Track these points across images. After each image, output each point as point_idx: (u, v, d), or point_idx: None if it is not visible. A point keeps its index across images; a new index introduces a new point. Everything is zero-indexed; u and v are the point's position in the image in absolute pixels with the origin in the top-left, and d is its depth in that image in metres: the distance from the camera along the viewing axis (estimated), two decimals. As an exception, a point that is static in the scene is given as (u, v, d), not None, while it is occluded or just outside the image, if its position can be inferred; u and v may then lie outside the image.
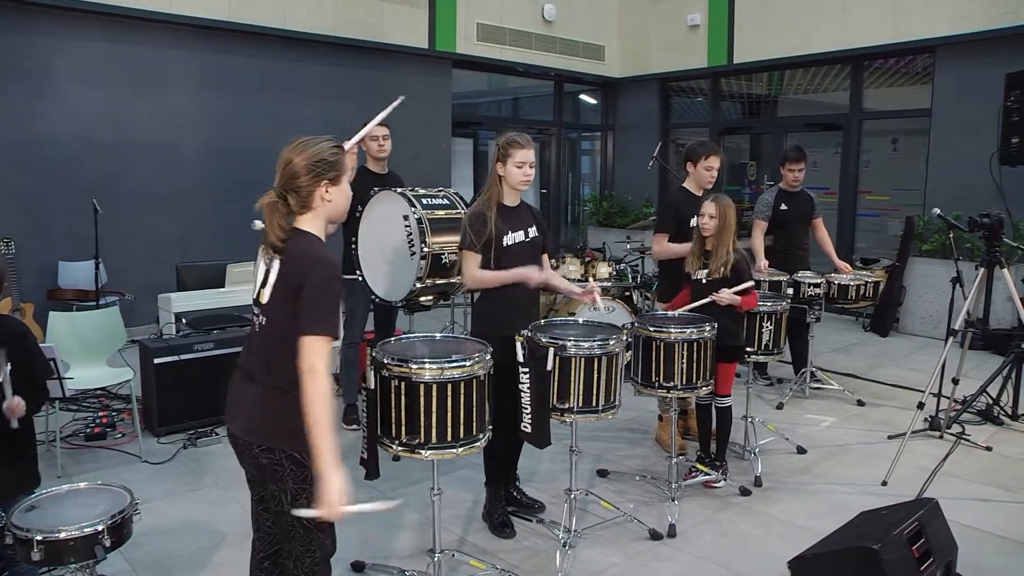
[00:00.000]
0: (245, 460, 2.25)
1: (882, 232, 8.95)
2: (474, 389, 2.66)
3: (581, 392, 3.10)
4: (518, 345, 3.00)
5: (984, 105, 7.11)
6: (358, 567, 3.15)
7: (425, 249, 4.15)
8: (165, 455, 4.36)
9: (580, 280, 5.92)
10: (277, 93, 7.84)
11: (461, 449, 2.67)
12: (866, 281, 5.56)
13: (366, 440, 2.74)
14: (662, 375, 3.54)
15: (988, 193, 6.45)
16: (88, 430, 4.56)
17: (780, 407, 5.37)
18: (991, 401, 5.07)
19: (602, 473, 4.19)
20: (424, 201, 4.33)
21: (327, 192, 2.20)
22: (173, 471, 4.19)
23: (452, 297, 5.20)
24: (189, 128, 7.39)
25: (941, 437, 4.68)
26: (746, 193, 10.30)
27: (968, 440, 4.61)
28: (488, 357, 2.75)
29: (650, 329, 3.55)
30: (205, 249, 7.23)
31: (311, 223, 2.22)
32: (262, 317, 2.22)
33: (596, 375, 3.10)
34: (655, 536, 3.46)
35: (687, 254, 4.06)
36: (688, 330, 3.52)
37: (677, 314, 3.87)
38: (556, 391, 3.09)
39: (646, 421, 4.98)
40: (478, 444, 2.74)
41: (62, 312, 4.75)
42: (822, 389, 5.70)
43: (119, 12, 6.75)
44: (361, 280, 4.55)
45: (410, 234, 4.24)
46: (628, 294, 6.29)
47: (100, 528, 2.27)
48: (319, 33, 7.98)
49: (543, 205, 11.14)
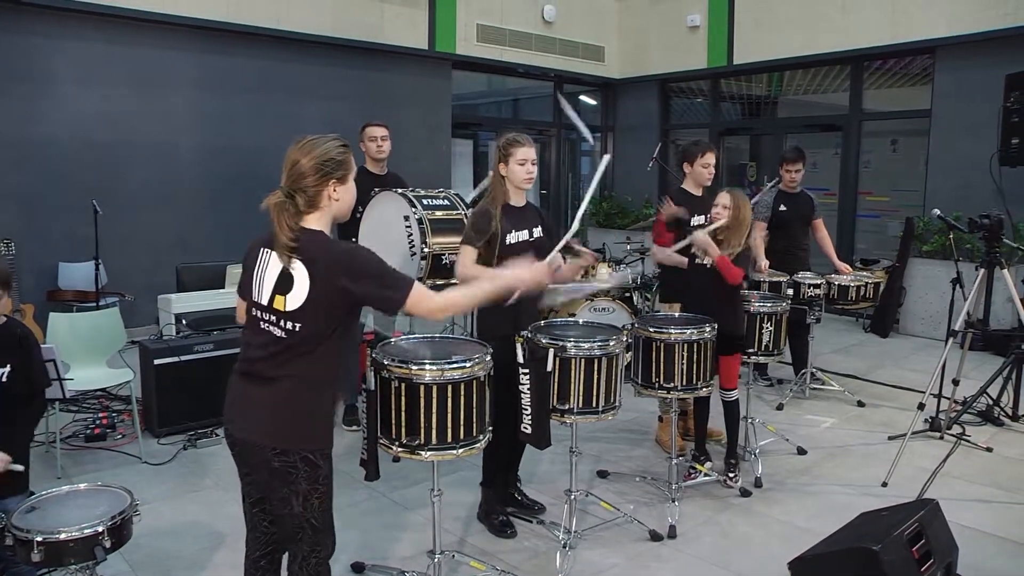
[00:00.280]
0: (254, 463, 2.20)
1: (882, 233, 8.95)
2: (474, 390, 2.66)
3: (581, 393, 3.10)
4: (518, 346, 3.00)
5: (984, 106, 7.12)
6: (358, 568, 3.15)
7: (425, 250, 4.14)
8: (165, 456, 4.36)
9: (580, 281, 5.90)
10: (276, 94, 7.84)
11: (461, 450, 2.67)
12: (866, 282, 5.56)
13: (366, 441, 2.74)
14: (662, 376, 3.54)
15: (988, 194, 6.46)
16: (88, 431, 4.56)
17: (780, 408, 5.37)
18: (991, 402, 5.07)
19: (602, 474, 4.19)
20: (424, 202, 4.33)
21: (335, 191, 2.18)
22: (173, 472, 4.19)
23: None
24: (188, 129, 7.39)
25: (941, 438, 4.68)
26: (746, 194, 10.29)
27: (968, 441, 4.61)
28: (488, 358, 2.75)
29: (650, 330, 3.55)
30: (205, 250, 7.22)
31: (318, 222, 2.19)
32: (288, 323, 2.12)
33: (596, 376, 3.10)
34: (655, 537, 3.46)
35: (682, 261, 4.07)
36: (688, 331, 3.53)
37: (678, 314, 3.88)
38: (556, 392, 3.10)
39: (646, 422, 4.98)
40: (478, 445, 2.74)
41: (62, 313, 4.75)
42: (822, 390, 5.70)
43: (118, 13, 6.74)
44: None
45: (410, 235, 4.24)
46: (628, 295, 6.28)
47: (100, 529, 2.27)
48: (318, 34, 7.98)
49: (543, 206, 11.14)
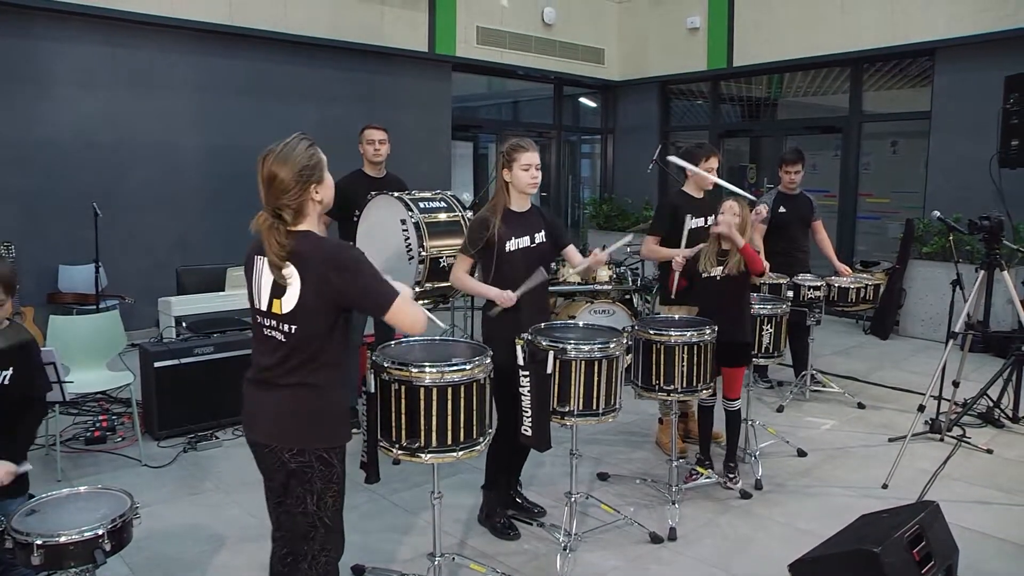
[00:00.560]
0: (271, 467, 2.24)
1: (882, 235, 8.96)
2: (474, 393, 2.66)
3: (581, 395, 3.10)
4: (518, 348, 3.00)
5: (983, 108, 7.11)
6: (358, 571, 3.14)
7: (423, 253, 4.15)
8: (165, 459, 4.36)
9: (580, 283, 5.92)
10: (277, 96, 7.84)
11: (461, 453, 2.67)
12: (866, 284, 5.56)
13: (366, 444, 2.74)
14: (662, 378, 3.53)
15: (988, 195, 6.46)
16: (88, 434, 4.56)
17: (780, 410, 5.37)
18: (992, 404, 5.07)
19: (602, 476, 4.19)
20: (421, 205, 4.32)
21: (316, 193, 2.23)
22: (173, 475, 4.19)
23: (451, 300, 5.20)
24: (189, 131, 7.40)
25: (942, 440, 4.67)
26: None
27: (969, 443, 4.61)
28: (488, 360, 2.75)
29: (650, 332, 3.55)
30: (205, 252, 7.22)
31: (308, 224, 2.24)
32: (286, 325, 2.19)
33: (596, 378, 3.10)
34: (656, 539, 3.46)
35: (670, 257, 4.11)
36: (688, 333, 3.53)
37: (678, 316, 3.88)
38: (556, 394, 3.09)
39: (646, 424, 4.98)
40: (478, 448, 2.74)
41: (62, 315, 4.75)
42: (822, 392, 5.70)
43: (119, 16, 6.76)
44: None
45: (408, 238, 4.24)
46: (628, 297, 6.29)
47: (100, 532, 2.27)
48: (319, 36, 7.99)
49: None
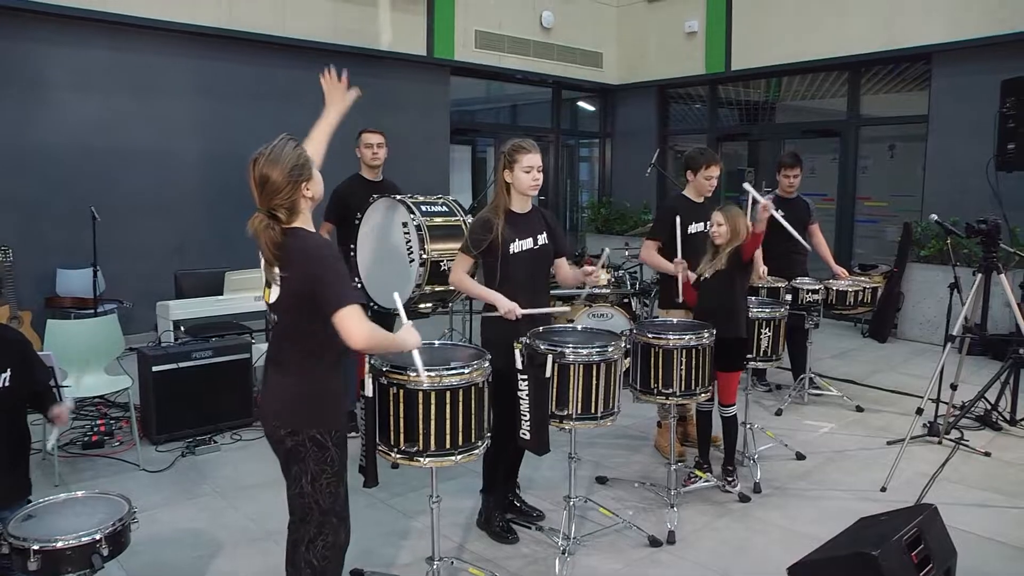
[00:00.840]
0: (275, 445, 2.39)
1: (880, 238, 8.97)
2: (472, 396, 2.66)
3: (580, 399, 3.10)
4: (516, 352, 3.00)
5: (981, 111, 7.13)
6: (357, 575, 3.14)
7: (424, 256, 4.15)
8: (163, 463, 4.35)
9: (578, 288, 5.91)
10: (274, 100, 7.84)
11: (460, 457, 2.67)
12: (864, 287, 5.57)
13: (364, 448, 2.74)
14: (661, 382, 3.53)
15: (985, 199, 6.49)
16: (86, 438, 4.56)
17: (779, 413, 5.37)
18: (989, 407, 5.07)
19: (601, 480, 4.18)
20: (423, 208, 4.33)
21: (307, 190, 2.32)
22: (171, 479, 4.18)
23: (451, 304, 5.20)
24: (187, 135, 7.40)
25: (940, 443, 4.68)
26: (743, 200, 10.31)
27: (967, 446, 4.61)
28: (487, 364, 2.74)
29: (648, 336, 3.55)
30: (203, 256, 7.22)
31: (301, 220, 2.34)
32: (275, 314, 2.38)
33: (595, 382, 3.10)
34: (654, 543, 3.45)
35: (667, 270, 4.20)
36: (687, 337, 3.53)
37: (676, 320, 3.89)
38: (555, 398, 3.09)
39: (645, 428, 4.98)
40: (477, 452, 2.74)
41: (60, 320, 4.74)
42: (821, 395, 5.70)
43: (117, 20, 6.76)
44: (360, 287, 4.54)
45: (409, 241, 4.24)
46: (626, 301, 6.29)
47: (98, 537, 2.27)
48: (317, 40, 7.99)
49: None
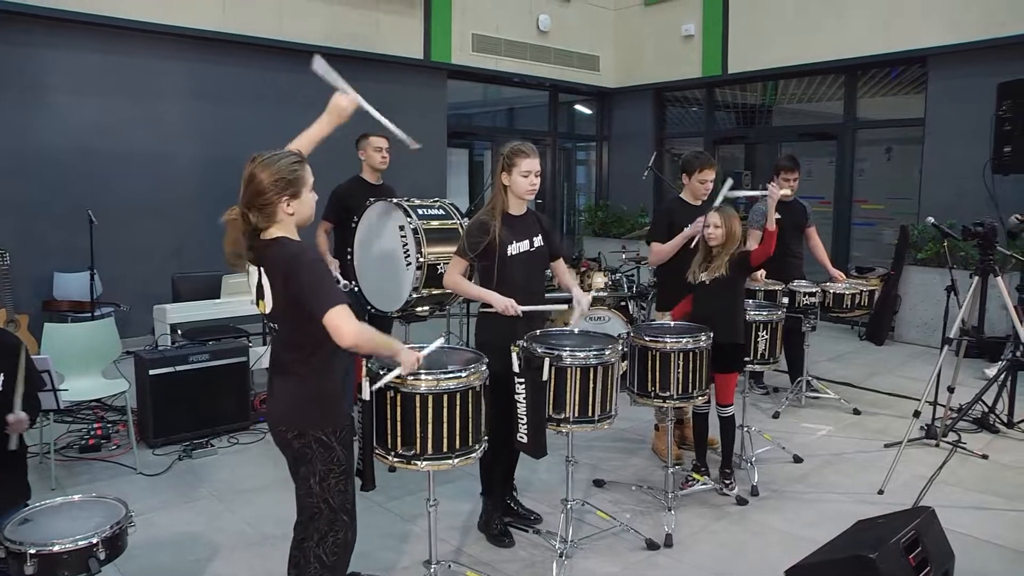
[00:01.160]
0: (282, 447, 2.45)
1: (877, 241, 8.98)
2: (470, 400, 2.66)
3: (577, 402, 3.09)
4: (514, 355, 2.99)
5: (977, 114, 7.15)
6: (354, 579, 3.13)
7: (421, 259, 4.15)
8: (160, 467, 4.34)
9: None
10: (272, 103, 7.83)
11: (457, 460, 2.67)
12: (861, 290, 5.57)
13: (361, 451, 2.73)
14: (658, 385, 3.53)
15: (982, 201, 6.49)
16: (83, 442, 4.54)
17: (776, 416, 5.37)
18: (986, 409, 5.08)
19: (598, 483, 4.18)
20: (420, 212, 4.34)
21: (288, 206, 2.35)
22: (168, 483, 4.17)
23: (448, 307, 5.20)
24: (184, 138, 7.39)
25: (937, 445, 4.68)
26: (741, 203, 10.33)
27: (964, 448, 4.62)
28: (484, 368, 2.74)
29: (646, 339, 3.55)
30: (200, 260, 7.20)
31: (282, 230, 2.37)
32: (271, 323, 2.42)
33: (592, 385, 3.09)
34: (652, 546, 3.45)
35: (682, 242, 4.18)
36: (684, 339, 3.53)
37: (673, 323, 3.88)
38: (552, 401, 3.09)
39: (642, 431, 4.98)
40: (474, 455, 2.73)
41: (57, 323, 4.74)
42: (818, 398, 5.70)
43: (114, 23, 6.75)
44: (357, 290, 4.54)
45: (406, 244, 4.24)
46: (624, 304, 6.30)
47: (94, 541, 2.26)
48: (314, 43, 7.98)
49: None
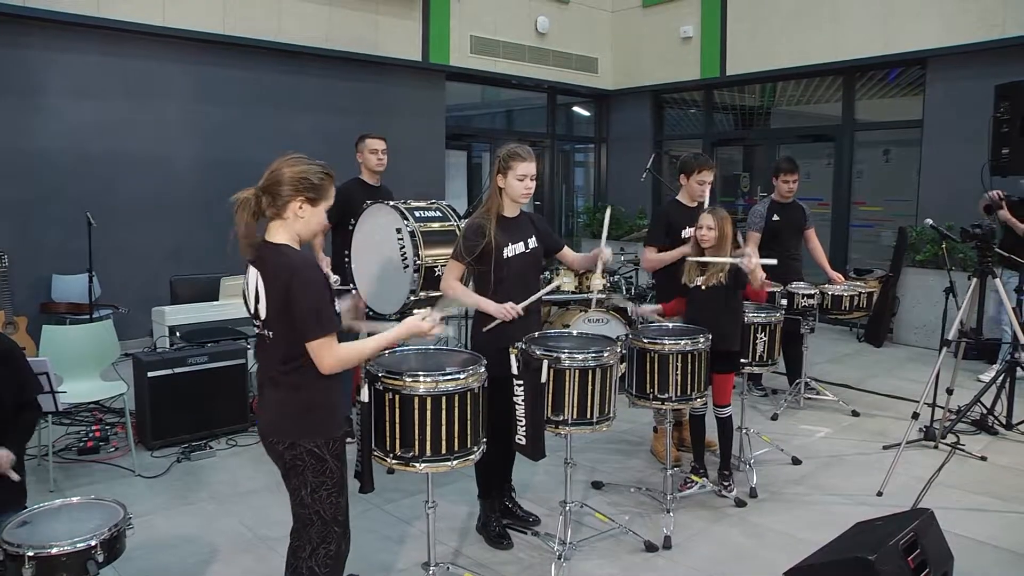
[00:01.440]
0: (274, 458, 2.42)
1: (875, 243, 8.99)
2: (468, 402, 2.66)
3: (576, 404, 3.09)
4: (512, 357, 3.00)
5: (975, 116, 7.15)
6: (352, 581, 3.13)
7: (418, 262, 4.15)
8: (159, 469, 4.34)
9: (575, 291, 5.93)
10: (271, 105, 7.85)
11: (456, 462, 2.67)
12: (860, 292, 5.58)
13: (360, 453, 2.73)
14: (656, 387, 3.53)
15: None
16: (81, 444, 4.54)
17: (775, 418, 5.37)
18: (985, 411, 5.08)
19: (597, 485, 4.18)
20: (417, 214, 4.33)
21: (301, 208, 2.31)
22: (167, 485, 4.17)
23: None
24: (183, 141, 7.40)
25: (936, 447, 4.69)
26: (739, 205, 10.34)
27: (963, 450, 4.62)
28: (482, 370, 2.74)
29: (644, 341, 3.55)
30: (199, 262, 7.20)
31: (282, 234, 2.33)
32: (266, 329, 2.35)
33: (591, 387, 3.09)
34: (650, 548, 3.45)
35: (677, 258, 4.16)
36: (682, 341, 3.53)
37: (671, 325, 3.89)
38: (551, 403, 3.09)
39: (641, 433, 4.98)
40: (472, 457, 2.73)
41: (55, 325, 4.74)
42: (817, 400, 5.71)
43: (113, 25, 6.76)
44: (354, 293, 4.54)
45: (403, 247, 4.24)
46: (622, 306, 6.29)
47: (93, 543, 2.26)
48: (313, 45, 8.00)
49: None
